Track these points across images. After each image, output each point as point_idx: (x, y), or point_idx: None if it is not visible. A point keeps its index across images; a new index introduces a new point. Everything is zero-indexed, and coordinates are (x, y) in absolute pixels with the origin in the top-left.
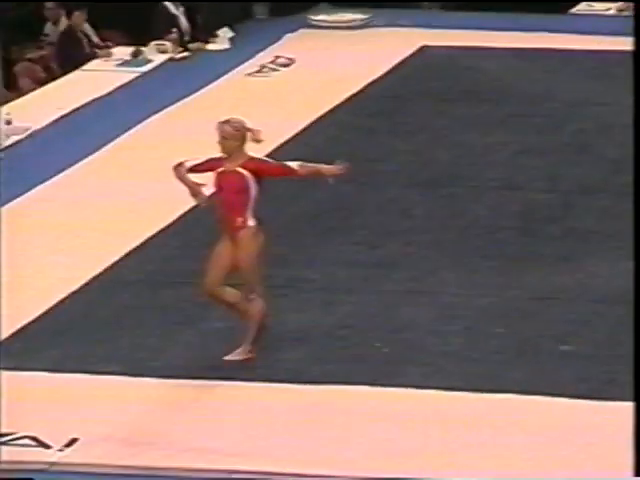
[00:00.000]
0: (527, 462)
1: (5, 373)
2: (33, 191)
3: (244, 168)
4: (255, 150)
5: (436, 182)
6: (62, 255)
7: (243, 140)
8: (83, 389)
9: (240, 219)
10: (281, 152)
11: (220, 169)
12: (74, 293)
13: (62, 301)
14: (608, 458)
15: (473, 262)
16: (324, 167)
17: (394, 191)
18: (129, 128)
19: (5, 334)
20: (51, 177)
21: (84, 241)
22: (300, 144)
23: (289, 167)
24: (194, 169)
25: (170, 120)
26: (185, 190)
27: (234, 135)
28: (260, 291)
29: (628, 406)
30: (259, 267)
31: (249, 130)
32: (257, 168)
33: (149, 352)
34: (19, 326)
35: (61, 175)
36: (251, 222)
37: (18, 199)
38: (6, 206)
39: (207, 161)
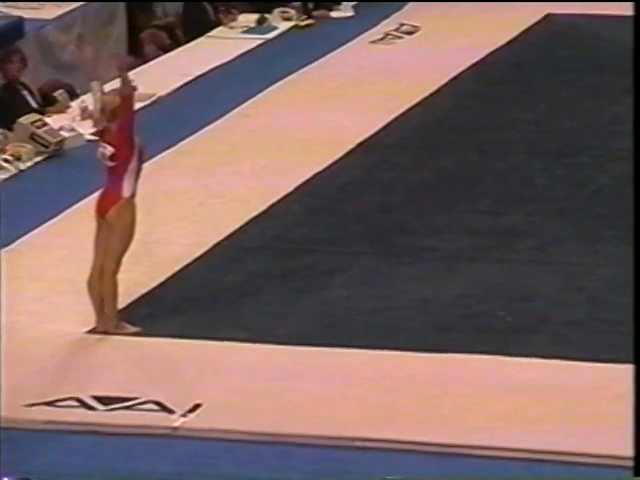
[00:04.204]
0: None
1: (130, 339)
2: (157, 158)
3: None
4: (380, 116)
5: (560, 151)
6: (187, 221)
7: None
8: (207, 355)
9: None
10: (404, 119)
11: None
12: (198, 259)
13: (186, 267)
14: None
15: (598, 232)
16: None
17: (518, 160)
18: (253, 95)
19: (131, 300)
20: (175, 144)
21: (208, 207)
22: (423, 112)
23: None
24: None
25: (294, 87)
26: (310, 157)
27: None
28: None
29: None
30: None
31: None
32: None
33: (272, 319)
34: (144, 291)
35: (185, 141)
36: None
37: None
38: None
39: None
